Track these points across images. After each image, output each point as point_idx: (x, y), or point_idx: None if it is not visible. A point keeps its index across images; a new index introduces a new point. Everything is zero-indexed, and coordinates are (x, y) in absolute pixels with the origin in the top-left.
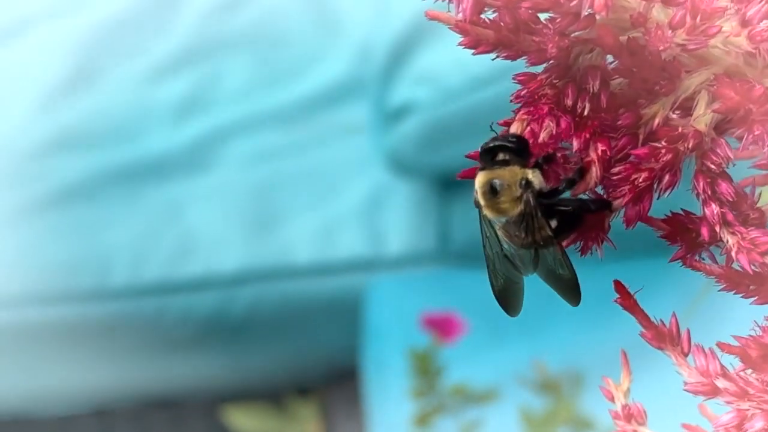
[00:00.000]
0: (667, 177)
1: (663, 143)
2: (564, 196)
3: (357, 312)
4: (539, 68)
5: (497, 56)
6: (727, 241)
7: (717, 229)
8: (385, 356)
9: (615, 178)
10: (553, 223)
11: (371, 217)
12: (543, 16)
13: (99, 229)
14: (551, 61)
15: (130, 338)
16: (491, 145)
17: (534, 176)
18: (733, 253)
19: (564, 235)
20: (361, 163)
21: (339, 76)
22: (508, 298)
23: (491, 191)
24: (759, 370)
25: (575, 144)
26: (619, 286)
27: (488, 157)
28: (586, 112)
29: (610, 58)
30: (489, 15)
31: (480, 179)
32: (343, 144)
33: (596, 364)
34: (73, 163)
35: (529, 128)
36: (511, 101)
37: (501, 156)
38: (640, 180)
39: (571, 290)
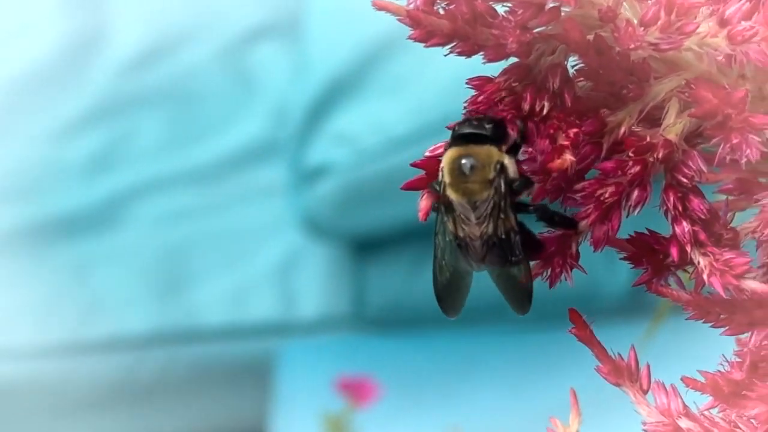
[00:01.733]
0: (636, 192)
1: (630, 154)
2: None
3: (269, 376)
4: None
5: (450, 51)
6: (699, 263)
7: (687, 249)
8: (297, 421)
9: (578, 195)
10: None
11: (285, 281)
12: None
13: (3, 287)
14: (510, 58)
15: (34, 401)
16: (465, 131)
17: (509, 162)
18: (705, 276)
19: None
20: (276, 225)
21: (254, 136)
22: (451, 296)
23: (462, 169)
24: (732, 407)
25: (540, 146)
26: (574, 315)
27: (462, 141)
28: (545, 111)
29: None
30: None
31: (451, 154)
32: (258, 205)
33: (515, 430)
34: None
35: None
36: (465, 108)
37: (476, 138)
38: (606, 195)
39: (521, 295)
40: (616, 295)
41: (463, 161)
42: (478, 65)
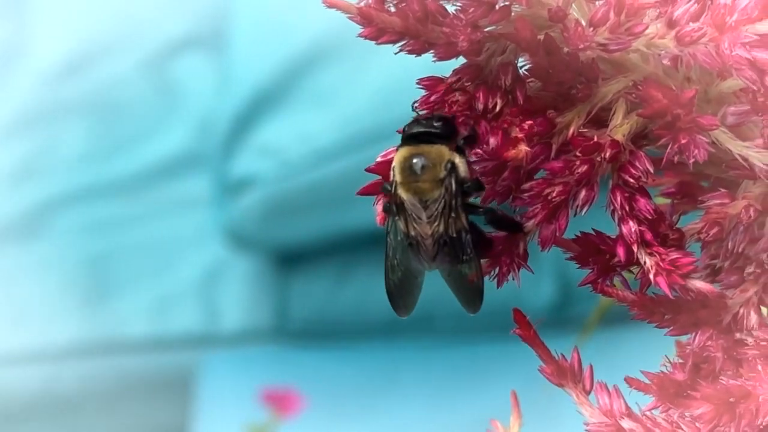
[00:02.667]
0: (583, 192)
1: (578, 154)
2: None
3: (192, 388)
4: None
5: (401, 49)
6: (645, 263)
7: (634, 249)
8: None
9: (526, 195)
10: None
11: (208, 292)
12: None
13: None
14: (461, 56)
15: None
16: (415, 131)
17: (460, 162)
18: (651, 276)
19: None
20: (199, 237)
21: (179, 148)
22: (402, 296)
23: (412, 168)
24: (677, 407)
25: (493, 143)
26: (518, 315)
27: (412, 141)
28: (498, 108)
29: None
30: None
31: (402, 153)
32: (181, 217)
33: None
34: None
35: None
36: (415, 109)
37: (426, 137)
38: (554, 195)
39: (472, 293)
40: (539, 311)
41: (414, 160)
42: (404, 77)
